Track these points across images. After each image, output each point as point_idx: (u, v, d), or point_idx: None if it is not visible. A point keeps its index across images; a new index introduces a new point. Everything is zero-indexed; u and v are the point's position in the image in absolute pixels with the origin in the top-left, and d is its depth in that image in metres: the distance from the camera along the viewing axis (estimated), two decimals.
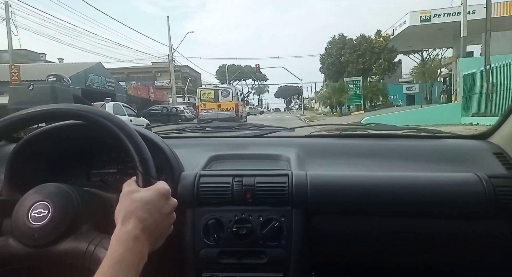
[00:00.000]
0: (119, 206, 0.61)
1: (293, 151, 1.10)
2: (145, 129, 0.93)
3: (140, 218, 0.59)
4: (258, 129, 1.38)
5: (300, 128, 1.48)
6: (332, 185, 0.89)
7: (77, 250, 0.62)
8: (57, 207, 0.64)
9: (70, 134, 0.84)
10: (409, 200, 0.87)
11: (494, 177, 0.88)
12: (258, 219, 0.85)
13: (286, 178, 0.89)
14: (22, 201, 0.67)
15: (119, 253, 0.54)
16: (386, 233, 0.90)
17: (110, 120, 0.67)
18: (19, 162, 0.78)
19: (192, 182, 0.88)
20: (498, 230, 0.88)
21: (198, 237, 0.85)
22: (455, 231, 0.89)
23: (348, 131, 1.34)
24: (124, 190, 0.64)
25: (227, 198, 0.87)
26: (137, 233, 0.57)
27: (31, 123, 0.68)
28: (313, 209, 0.88)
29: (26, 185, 0.71)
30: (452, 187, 0.88)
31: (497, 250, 0.90)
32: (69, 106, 0.67)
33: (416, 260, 0.93)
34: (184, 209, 0.85)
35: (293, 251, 0.84)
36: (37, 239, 0.62)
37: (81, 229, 0.65)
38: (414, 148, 1.16)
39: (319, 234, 0.90)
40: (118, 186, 0.69)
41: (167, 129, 1.41)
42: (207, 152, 1.09)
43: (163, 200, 0.64)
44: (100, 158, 0.96)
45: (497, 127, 1.13)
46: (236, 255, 0.85)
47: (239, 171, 0.91)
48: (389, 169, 1.02)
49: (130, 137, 0.67)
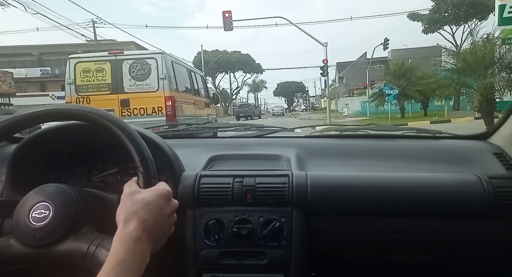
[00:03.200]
0: (121, 207, 0.61)
1: (294, 151, 1.10)
2: (146, 129, 0.93)
3: (142, 219, 0.59)
4: (258, 129, 1.39)
5: (300, 129, 1.48)
6: (333, 186, 0.90)
7: (78, 250, 0.62)
8: (58, 208, 0.65)
9: (70, 134, 0.84)
10: (409, 200, 0.87)
11: (494, 177, 0.88)
12: (258, 220, 0.85)
13: (287, 178, 0.89)
14: (23, 201, 0.67)
15: (121, 254, 0.54)
16: (386, 233, 0.90)
17: (111, 120, 0.67)
18: (20, 163, 0.78)
19: (193, 182, 0.88)
20: (498, 231, 0.88)
21: (198, 237, 0.85)
22: (455, 232, 0.89)
23: (348, 131, 1.34)
24: (125, 191, 0.64)
25: (227, 198, 0.87)
26: (138, 234, 0.57)
27: (32, 123, 0.68)
28: (313, 210, 0.88)
29: (27, 186, 0.71)
30: (452, 188, 0.88)
31: (497, 250, 0.90)
32: (70, 106, 0.67)
33: (416, 260, 0.93)
34: (184, 209, 0.86)
35: (294, 252, 0.84)
36: (38, 239, 0.62)
37: (82, 229, 0.65)
38: (415, 149, 1.16)
39: (320, 234, 0.90)
40: (119, 187, 0.69)
41: (168, 129, 1.41)
42: (208, 152, 1.09)
43: (164, 201, 0.64)
44: (100, 158, 0.96)
45: (497, 127, 1.13)
46: (236, 256, 0.85)
47: (240, 172, 0.92)
48: (389, 169, 1.02)
49: (130, 137, 0.67)
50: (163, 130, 1.42)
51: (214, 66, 41.37)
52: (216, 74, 47.69)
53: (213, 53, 42.55)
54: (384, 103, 17.18)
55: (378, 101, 18.28)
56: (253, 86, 64.81)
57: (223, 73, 49.05)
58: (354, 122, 16.37)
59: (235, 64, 46.51)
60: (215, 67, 42.70)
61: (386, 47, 23.40)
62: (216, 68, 44.64)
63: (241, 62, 46.33)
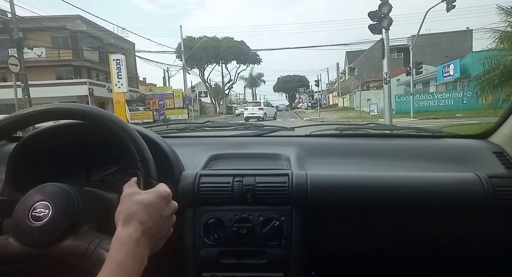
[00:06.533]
0: (120, 207, 0.61)
1: (293, 150, 1.10)
2: (146, 129, 0.93)
3: (141, 220, 0.59)
4: (258, 128, 1.39)
5: (300, 128, 1.48)
6: (332, 185, 0.90)
7: (77, 250, 0.62)
8: (57, 207, 0.64)
9: (70, 133, 0.84)
10: (409, 199, 0.88)
11: (494, 177, 0.88)
12: (258, 219, 0.85)
13: (286, 177, 0.89)
14: (22, 200, 0.67)
15: (120, 257, 0.54)
16: (386, 233, 0.90)
17: (111, 119, 0.67)
18: (19, 161, 0.78)
19: (193, 181, 0.88)
20: (497, 230, 0.88)
21: (198, 237, 0.86)
22: (455, 231, 0.89)
23: (348, 130, 1.34)
24: (125, 192, 0.64)
25: (227, 197, 0.87)
26: (138, 236, 0.57)
27: (32, 122, 0.68)
28: (313, 209, 0.88)
29: (26, 185, 0.71)
30: (452, 187, 0.88)
31: (497, 249, 0.90)
32: (71, 105, 0.67)
33: (415, 260, 0.93)
34: (184, 208, 0.86)
35: (293, 251, 0.85)
36: (37, 238, 0.62)
37: (81, 229, 0.65)
38: (414, 148, 1.16)
39: (319, 233, 0.90)
40: (118, 186, 0.69)
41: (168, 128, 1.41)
42: (208, 152, 1.09)
43: (164, 202, 0.64)
44: (100, 157, 0.96)
45: (498, 126, 1.13)
46: (236, 255, 0.85)
47: (240, 171, 0.92)
48: (389, 168, 1.02)
49: (130, 137, 0.67)
50: (163, 129, 1.42)
51: (202, 55, 35.27)
52: (205, 66, 39.98)
53: (200, 41, 34.66)
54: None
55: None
56: (249, 80, 54.74)
57: (213, 64, 40.80)
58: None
59: (228, 53, 38.31)
60: (203, 56, 36.11)
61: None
62: (205, 58, 37.13)
63: (235, 50, 38.34)
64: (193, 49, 31.40)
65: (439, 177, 0.92)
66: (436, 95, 16.67)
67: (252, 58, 41.80)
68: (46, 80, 22.51)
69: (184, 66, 30.79)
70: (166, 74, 33.68)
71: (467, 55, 19.05)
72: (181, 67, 31.12)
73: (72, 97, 21.24)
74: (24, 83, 13.37)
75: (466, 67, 18.10)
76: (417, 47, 20.93)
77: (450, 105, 18.02)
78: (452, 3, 13.62)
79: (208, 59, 38.64)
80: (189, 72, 35.66)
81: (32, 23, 19.62)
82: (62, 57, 24.33)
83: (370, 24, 10.43)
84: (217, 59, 39.66)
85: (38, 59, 22.44)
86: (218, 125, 1.47)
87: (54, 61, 24.06)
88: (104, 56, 25.05)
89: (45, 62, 23.44)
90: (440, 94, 19.16)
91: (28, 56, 18.69)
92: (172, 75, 38.90)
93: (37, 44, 21.57)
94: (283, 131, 1.39)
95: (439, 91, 19.93)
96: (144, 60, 40.64)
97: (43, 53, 23.19)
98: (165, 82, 34.21)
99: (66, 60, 24.26)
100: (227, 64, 42.55)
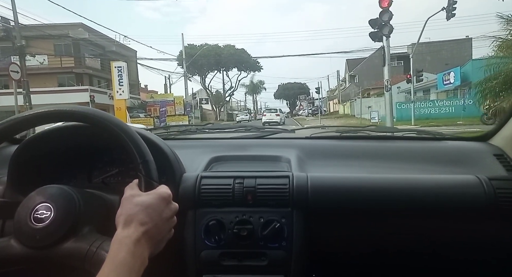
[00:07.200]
0: (121, 209, 0.62)
1: (294, 152, 1.10)
2: (147, 131, 0.94)
3: (141, 222, 0.59)
4: (258, 130, 1.40)
5: (300, 130, 1.48)
6: (333, 187, 0.90)
7: (78, 251, 0.62)
8: (59, 209, 0.64)
9: (71, 135, 0.84)
10: (409, 201, 0.87)
11: (494, 179, 0.88)
12: (259, 220, 0.85)
13: (287, 179, 0.89)
14: (24, 202, 0.67)
15: (120, 257, 0.54)
16: (387, 235, 0.90)
17: (112, 121, 0.68)
18: (21, 163, 0.78)
19: (194, 183, 0.88)
20: (498, 232, 0.88)
21: (199, 238, 0.85)
22: (455, 233, 0.89)
23: (349, 132, 1.34)
24: (126, 194, 0.64)
25: (228, 199, 0.87)
26: (138, 237, 0.57)
27: (33, 124, 0.68)
28: (314, 211, 0.88)
29: (28, 187, 0.71)
30: (453, 189, 0.88)
31: (497, 251, 0.90)
32: (72, 107, 0.68)
33: (416, 261, 0.93)
34: (185, 210, 0.86)
35: (294, 253, 0.84)
36: (39, 240, 0.62)
37: (83, 230, 0.65)
38: (415, 150, 1.16)
39: (320, 235, 0.90)
40: (119, 188, 0.69)
41: (169, 130, 1.42)
42: (208, 154, 1.09)
43: (164, 204, 0.64)
44: (101, 159, 0.97)
45: (498, 129, 1.13)
46: (237, 257, 0.85)
47: (240, 173, 0.92)
48: (390, 171, 1.02)
49: (131, 139, 0.67)
50: (164, 131, 1.43)
51: (203, 62, 35.93)
52: (206, 73, 40.80)
53: (201, 48, 35.87)
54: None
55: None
56: (250, 87, 55.92)
57: (214, 71, 41.57)
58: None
59: (229, 60, 38.89)
60: (204, 63, 36.82)
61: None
62: (206, 65, 38.06)
63: (236, 58, 38.93)
64: (194, 57, 31.95)
65: (440, 179, 0.92)
66: (437, 103, 16.83)
67: (253, 65, 42.48)
68: (48, 87, 22.50)
69: (185, 73, 31.03)
70: (167, 81, 34.04)
71: (467, 63, 19.06)
72: (182, 74, 31.35)
73: (73, 104, 20.79)
74: (26, 90, 13.40)
75: (466, 75, 18.13)
76: (417, 55, 21.02)
77: (451, 112, 18.18)
78: (452, 11, 13.90)
79: (209, 67, 39.33)
80: (190, 79, 36.00)
81: (35, 31, 19.87)
82: (64, 64, 24.54)
83: (371, 32, 10.51)
84: (218, 66, 40.13)
85: (40, 66, 22.82)
86: (218, 127, 1.48)
87: (56, 69, 24.31)
88: (106, 64, 25.20)
89: (47, 69, 23.67)
90: (441, 102, 19.29)
91: (30, 63, 18.92)
92: (174, 82, 39.70)
93: (40, 51, 21.87)
94: (284, 133, 1.39)
95: (440, 99, 20.01)
96: (145, 67, 41.26)
97: (45, 61, 23.46)
98: (166, 89, 34.47)
99: (68, 68, 24.47)
100: (228, 71, 43.32)
